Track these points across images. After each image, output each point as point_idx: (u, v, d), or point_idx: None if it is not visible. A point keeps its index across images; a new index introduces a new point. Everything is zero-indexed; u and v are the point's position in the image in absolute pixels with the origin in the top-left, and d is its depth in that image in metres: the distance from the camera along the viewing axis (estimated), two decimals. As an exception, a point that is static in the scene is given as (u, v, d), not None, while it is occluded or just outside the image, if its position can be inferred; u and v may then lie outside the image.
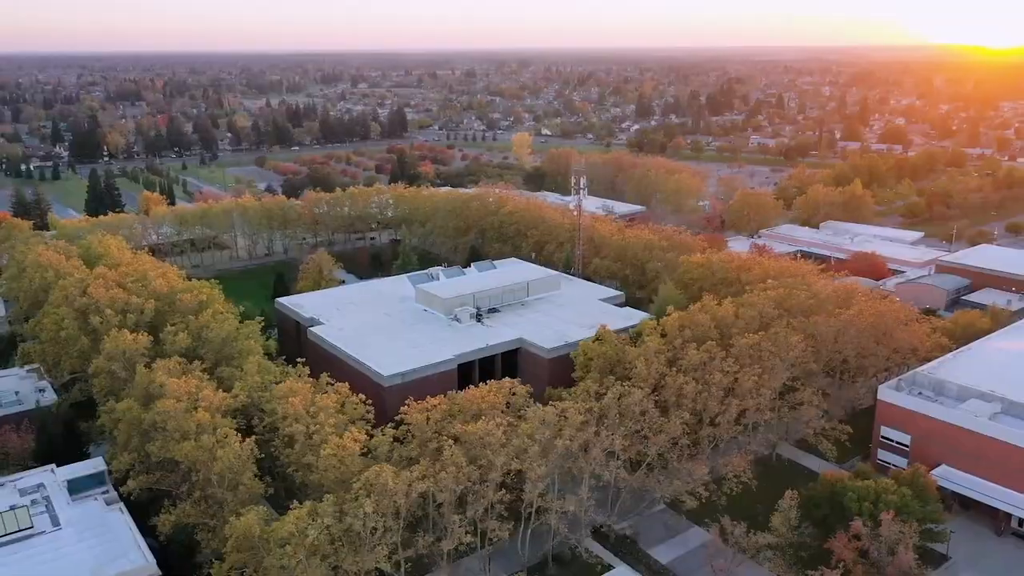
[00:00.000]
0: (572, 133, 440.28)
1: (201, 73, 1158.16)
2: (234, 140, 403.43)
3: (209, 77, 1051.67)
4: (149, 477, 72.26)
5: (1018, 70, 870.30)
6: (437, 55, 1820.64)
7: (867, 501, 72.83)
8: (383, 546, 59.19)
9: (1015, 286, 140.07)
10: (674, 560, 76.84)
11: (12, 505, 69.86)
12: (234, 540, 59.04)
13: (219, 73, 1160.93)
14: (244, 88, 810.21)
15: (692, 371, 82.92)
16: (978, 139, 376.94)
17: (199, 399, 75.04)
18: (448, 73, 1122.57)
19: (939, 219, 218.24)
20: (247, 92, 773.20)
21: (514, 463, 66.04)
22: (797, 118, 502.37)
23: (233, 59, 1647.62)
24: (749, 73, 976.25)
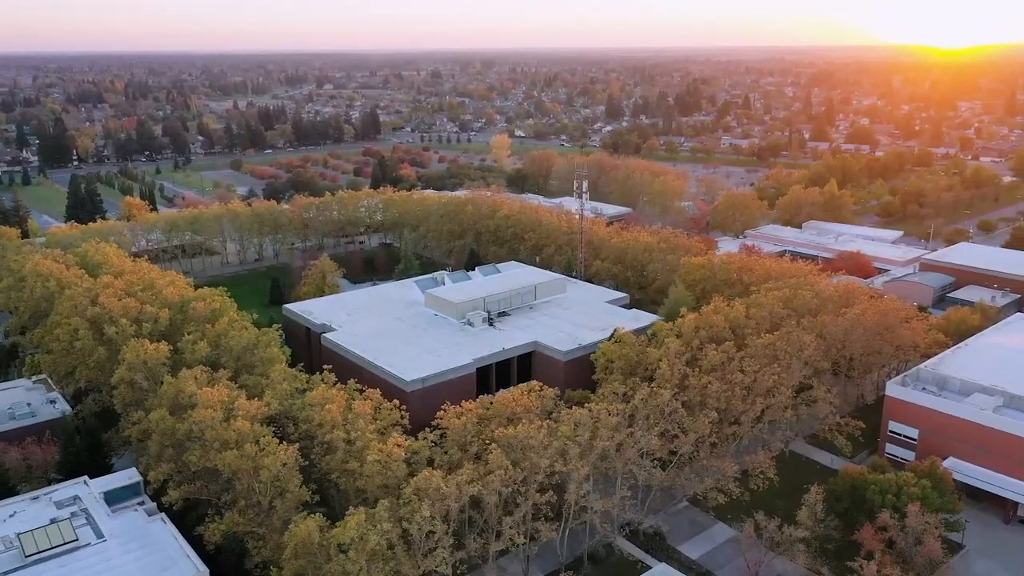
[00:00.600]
0: (546, 134, 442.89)
1: (160, 74, 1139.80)
2: (206, 143, 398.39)
3: (169, 78, 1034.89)
4: (190, 487, 72.39)
5: (970, 70, 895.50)
6: (399, 55, 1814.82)
7: (890, 494, 75.90)
8: (441, 549, 60.27)
9: (997, 283, 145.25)
10: (703, 556, 79.08)
11: (53, 518, 69.51)
12: (293, 547, 59.70)
13: (179, 74, 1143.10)
14: (208, 90, 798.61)
15: (712, 371, 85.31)
16: (941, 139, 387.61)
17: (233, 408, 75.47)
18: (413, 74, 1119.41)
19: (913, 218, 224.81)
20: (211, 94, 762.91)
21: (557, 465, 67.54)
22: (764, 118, 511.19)
23: (191, 59, 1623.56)
24: (712, 74, 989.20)
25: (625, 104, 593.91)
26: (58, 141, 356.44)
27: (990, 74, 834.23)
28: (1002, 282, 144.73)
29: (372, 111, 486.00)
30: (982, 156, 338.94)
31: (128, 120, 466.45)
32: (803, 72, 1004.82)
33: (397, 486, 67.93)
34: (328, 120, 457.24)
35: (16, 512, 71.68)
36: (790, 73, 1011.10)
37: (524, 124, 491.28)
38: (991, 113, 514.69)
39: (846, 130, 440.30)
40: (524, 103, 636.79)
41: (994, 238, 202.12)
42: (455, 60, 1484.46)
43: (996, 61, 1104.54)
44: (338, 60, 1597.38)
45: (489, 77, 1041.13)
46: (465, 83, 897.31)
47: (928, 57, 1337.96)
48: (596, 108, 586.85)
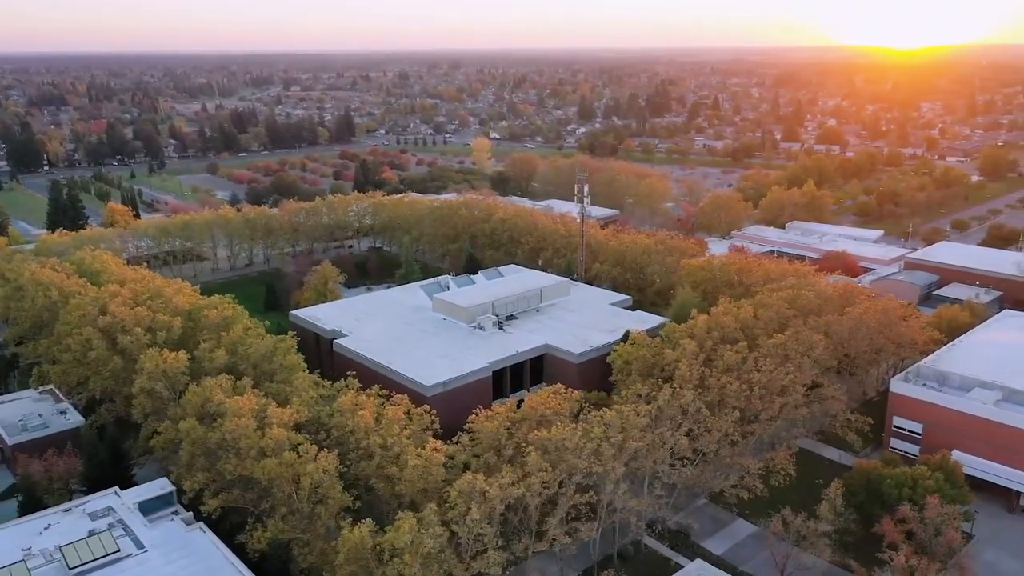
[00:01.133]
0: (520, 136, 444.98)
1: (121, 76, 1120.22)
2: (179, 147, 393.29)
3: (130, 80, 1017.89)
4: (228, 495, 72.67)
5: (928, 71, 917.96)
6: (363, 56, 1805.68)
7: (906, 487, 78.85)
8: (492, 551, 61.57)
9: (979, 280, 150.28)
10: (727, 551, 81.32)
11: (91, 530, 69.45)
12: (346, 552, 60.54)
13: (140, 76, 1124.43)
14: (173, 92, 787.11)
15: (727, 371, 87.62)
16: (907, 139, 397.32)
17: (265, 416, 75.91)
18: (380, 75, 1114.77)
19: (889, 217, 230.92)
20: (177, 96, 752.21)
21: (595, 466, 69.18)
22: (735, 119, 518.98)
23: (150, 60, 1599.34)
24: (678, 75, 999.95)
25: (596, 106, 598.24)
26: (27, 145, 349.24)
27: (946, 75, 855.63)
28: (984, 280, 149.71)
29: (346, 113, 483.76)
30: (948, 156, 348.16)
31: (95, 123, 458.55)
32: (767, 73, 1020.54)
33: (437, 490, 69.17)
34: (302, 123, 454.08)
35: (50, 525, 71.45)
36: (755, 74, 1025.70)
37: (498, 126, 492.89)
38: (952, 114, 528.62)
39: (815, 131, 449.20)
40: (495, 104, 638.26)
41: (968, 236, 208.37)
42: (420, 61, 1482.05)
43: (948, 62, 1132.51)
44: (302, 61, 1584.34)
45: (457, 78, 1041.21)
46: (434, 84, 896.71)
47: (884, 58, 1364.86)
48: (568, 109, 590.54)
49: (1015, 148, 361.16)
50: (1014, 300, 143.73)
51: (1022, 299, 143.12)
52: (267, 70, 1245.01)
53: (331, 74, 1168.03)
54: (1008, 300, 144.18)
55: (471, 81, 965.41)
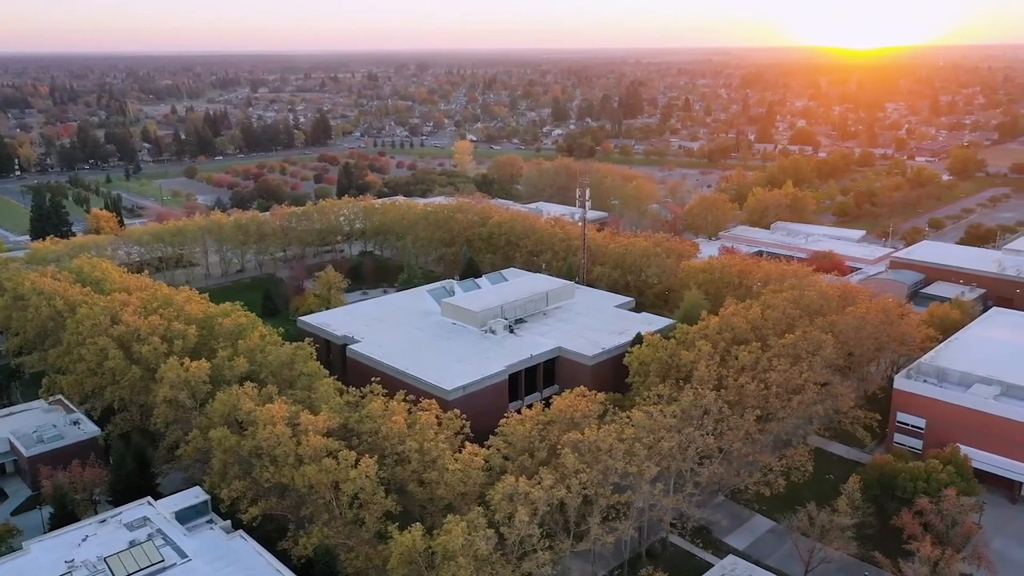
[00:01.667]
0: (497, 138, 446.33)
1: (83, 77, 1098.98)
2: (154, 150, 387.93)
3: (93, 82, 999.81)
4: (267, 503, 73.24)
5: (888, 71, 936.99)
6: (328, 57, 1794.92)
7: (920, 480, 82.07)
8: (541, 552, 63.11)
9: (963, 279, 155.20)
10: (749, 546, 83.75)
11: (132, 541, 69.63)
12: (398, 555, 61.63)
13: (102, 77, 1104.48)
14: (139, 93, 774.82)
15: (742, 371, 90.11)
16: (876, 140, 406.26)
17: (298, 423, 76.57)
18: (348, 76, 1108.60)
19: (867, 217, 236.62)
20: (143, 98, 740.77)
21: (630, 467, 71.06)
22: (707, 120, 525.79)
23: (111, 61, 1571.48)
24: (647, 76, 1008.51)
25: (569, 107, 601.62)
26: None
27: (906, 76, 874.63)
28: (968, 278, 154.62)
29: (322, 116, 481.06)
30: (917, 156, 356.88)
31: (64, 127, 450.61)
32: (733, 74, 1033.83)
33: (475, 493, 70.52)
34: (277, 125, 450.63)
35: (88, 536, 71.46)
36: (721, 75, 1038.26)
37: (473, 128, 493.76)
38: (916, 114, 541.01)
39: (786, 131, 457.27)
40: (468, 106, 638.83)
41: (944, 235, 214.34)
42: (385, 62, 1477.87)
43: (906, 63, 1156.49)
44: (266, 62, 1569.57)
45: (426, 80, 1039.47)
46: (404, 86, 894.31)
47: (843, 58, 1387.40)
48: (541, 111, 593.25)
49: (979, 148, 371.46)
50: (996, 297, 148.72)
51: (1004, 296, 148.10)
52: (232, 71, 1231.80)
53: (298, 75, 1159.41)
54: (991, 297, 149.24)
55: (441, 82, 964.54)
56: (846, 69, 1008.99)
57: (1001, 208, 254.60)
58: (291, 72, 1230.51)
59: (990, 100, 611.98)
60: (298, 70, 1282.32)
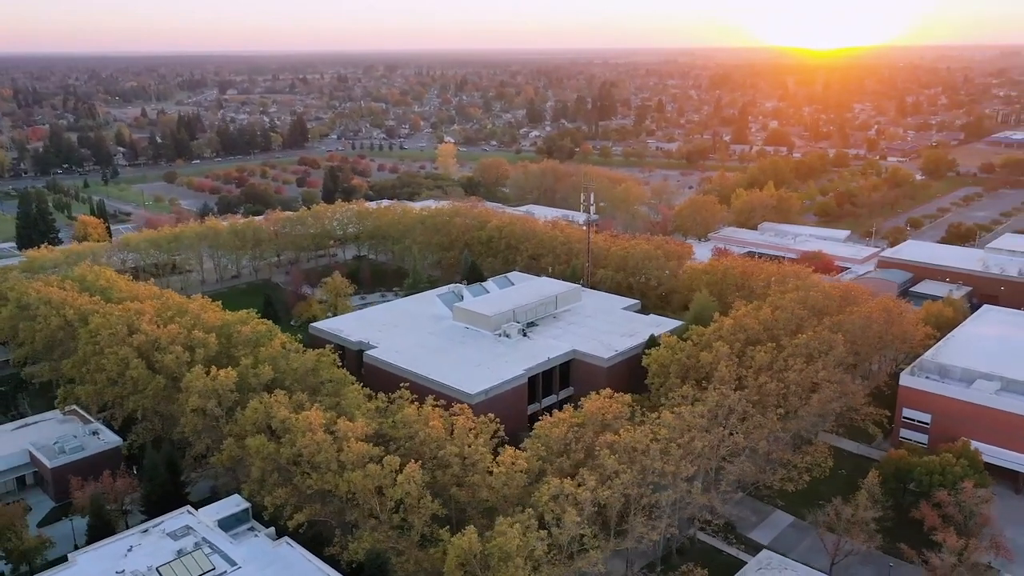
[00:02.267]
0: (475, 140, 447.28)
1: (44, 79, 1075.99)
2: (129, 154, 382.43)
3: (56, 83, 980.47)
4: (311, 509, 74.08)
5: (852, 72, 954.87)
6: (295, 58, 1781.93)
7: (936, 473, 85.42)
8: (593, 551, 64.94)
9: (949, 277, 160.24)
10: (772, 541, 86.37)
11: (179, 550, 70.12)
12: (454, 557, 62.99)
13: (64, 79, 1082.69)
14: (105, 95, 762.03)
15: (760, 370, 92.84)
16: (848, 140, 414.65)
17: (334, 430, 77.49)
18: (318, 78, 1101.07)
19: (847, 217, 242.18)
20: (111, 100, 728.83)
21: (667, 466, 73.18)
22: (680, 122, 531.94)
23: (71, 62, 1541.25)
24: (616, 77, 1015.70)
25: (543, 109, 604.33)
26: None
27: (868, 76, 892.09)
28: (954, 276, 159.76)
29: (299, 119, 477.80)
30: (888, 156, 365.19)
31: (34, 131, 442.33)
32: (701, 74, 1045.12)
33: (517, 495, 72.10)
34: (254, 128, 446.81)
35: (132, 546, 71.84)
36: (689, 75, 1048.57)
37: (449, 130, 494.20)
38: (883, 114, 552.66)
39: (758, 132, 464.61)
40: (443, 108, 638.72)
41: (923, 234, 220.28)
42: (353, 63, 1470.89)
43: (868, 63, 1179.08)
44: (231, 62, 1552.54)
45: (396, 81, 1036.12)
46: (375, 87, 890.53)
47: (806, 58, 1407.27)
48: (516, 112, 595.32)
49: (947, 148, 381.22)
50: (981, 294, 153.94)
51: (989, 293, 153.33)
52: (198, 72, 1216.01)
53: (266, 76, 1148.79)
54: (976, 294, 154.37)
55: (411, 84, 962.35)
56: (810, 70, 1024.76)
57: (974, 207, 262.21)
58: (257, 73, 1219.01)
59: (953, 100, 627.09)
60: (265, 71, 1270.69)
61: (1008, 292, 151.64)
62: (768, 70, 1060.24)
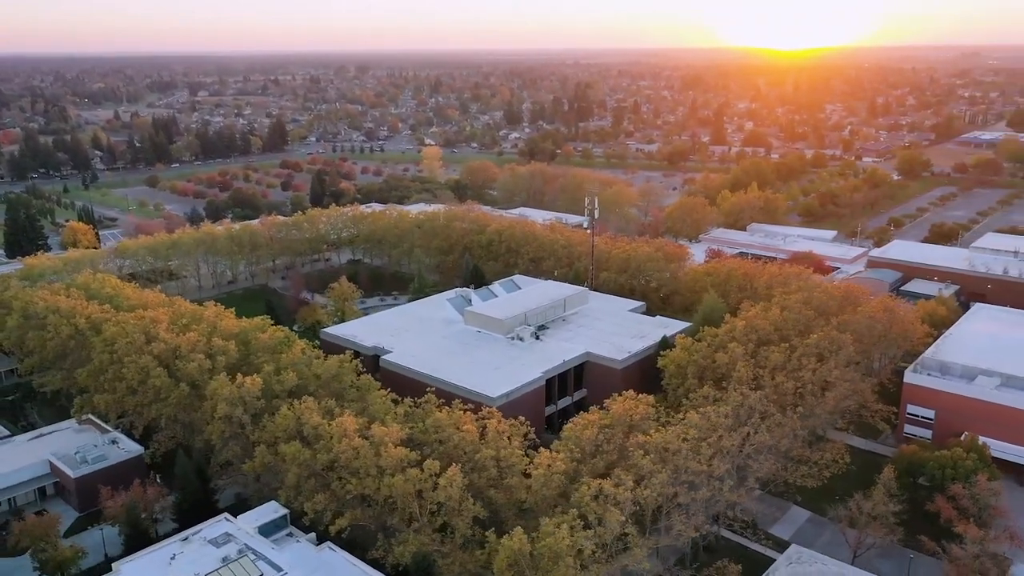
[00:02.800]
0: (455, 142, 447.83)
1: (7, 80, 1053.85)
2: (107, 158, 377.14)
3: (20, 85, 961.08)
4: (353, 514, 75.06)
5: (819, 73, 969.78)
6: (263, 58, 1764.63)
7: (948, 468, 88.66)
8: (637, 548, 66.80)
9: (937, 276, 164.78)
10: (793, 535, 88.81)
11: (224, 557, 70.66)
12: (505, 558, 64.46)
13: (28, 80, 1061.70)
14: (74, 97, 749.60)
15: (775, 370, 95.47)
16: (823, 141, 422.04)
17: (368, 435, 78.56)
18: (289, 79, 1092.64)
19: (830, 217, 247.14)
20: (79, 102, 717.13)
21: (701, 465, 75.31)
22: (657, 123, 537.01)
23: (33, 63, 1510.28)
24: (589, 78, 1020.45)
25: (520, 110, 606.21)
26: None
27: (835, 76, 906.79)
28: (942, 275, 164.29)
29: (278, 121, 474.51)
30: (864, 157, 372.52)
31: (4, 134, 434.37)
32: (672, 75, 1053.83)
33: (554, 496, 73.75)
34: (233, 131, 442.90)
35: (175, 555, 72.24)
36: (660, 76, 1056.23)
37: (429, 132, 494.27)
38: (855, 115, 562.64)
39: (734, 133, 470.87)
40: (419, 109, 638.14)
41: (905, 234, 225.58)
42: (322, 64, 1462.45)
43: (834, 64, 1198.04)
44: (200, 63, 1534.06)
45: (368, 82, 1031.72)
46: (348, 89, 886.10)
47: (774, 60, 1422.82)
48: (493, 114, 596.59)
49: (919, 148, 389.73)
50: (969, 292, 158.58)
51: (976, 291, 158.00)
52: (166, 74, 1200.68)
53: (236, 78, 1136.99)
54: (964, 293, 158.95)
55: (384, 85, 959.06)
56: (779, 71, 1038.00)
57: (950, 207, 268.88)
58: (227, 74, 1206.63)
59: (921, 101, 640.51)
60: (234, 72, 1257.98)
61: (995, 290, 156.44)
62: (737, 71, 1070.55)
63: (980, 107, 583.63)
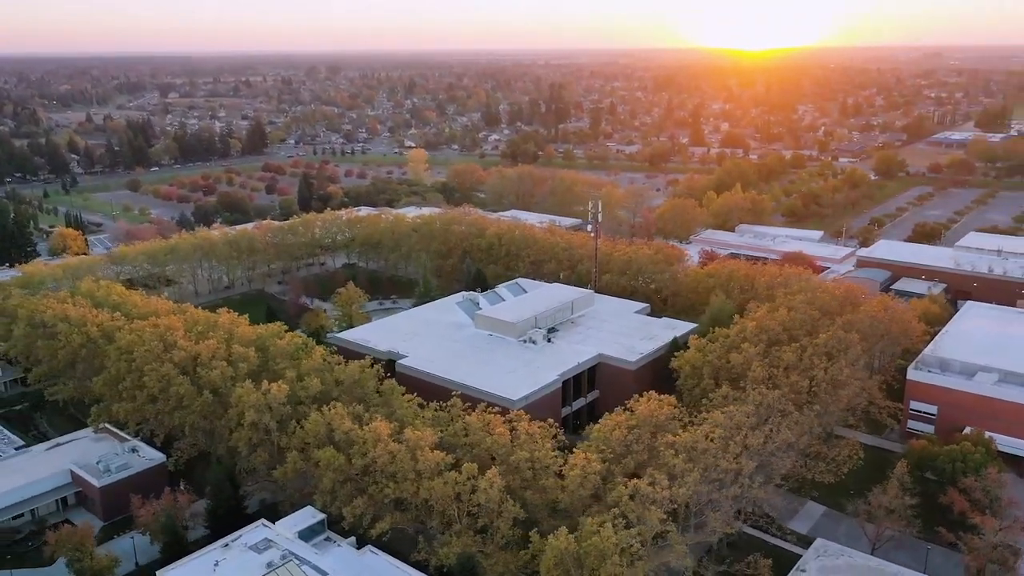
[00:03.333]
0: (436, 144, 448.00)
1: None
2: (85, 162, 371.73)
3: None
4: (393, 517, 76.22)
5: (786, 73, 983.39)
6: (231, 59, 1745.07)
7: (958, 461, 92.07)
8: (679, 544, 68.88)
9: (925, 275, 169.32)
10: (810, 530, 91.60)
11: (269, 563, 71.44)
12: (552, 557, 66.12)
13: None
14: (41, 99, 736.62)
15: (788, 370, 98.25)
16: (799, 141, 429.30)
17: (402, 439, 79.80)
18: (260, 80, 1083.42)
19: (813, 217, 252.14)
20: (48, 104, 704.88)
21: (731, 464, 77.64)
22: (635, 124, 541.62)
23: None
24: (561, 78, 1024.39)
25: (497, 111, 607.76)
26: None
27: (803, 77, 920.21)
28: (929, 274, 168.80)
29: (258, 124, 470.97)
30: (840, 157, 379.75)
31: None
32: (644, 76, 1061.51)
33: (590, 496, 75.60)
34: (209, 133, 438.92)
35: (218, 561, 72.87)
36: (633, 77, 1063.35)
37: (409, 134, 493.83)
38: (826, 115, 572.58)
39: (711, 134, 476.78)
40: (396, 111, 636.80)
41: (887, 233, 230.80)
42: (294, 64, 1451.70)
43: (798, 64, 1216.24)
44: (167, 64, 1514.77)
45: (341, 83, 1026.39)
46: (321, 90, 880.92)
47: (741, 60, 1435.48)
48: (471, 115, 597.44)
49: (892, 148, 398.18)
50: (955, 291, 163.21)
51: (963, 290, 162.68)
52: (134, 75, 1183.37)
53: (206, 79, 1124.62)
54: (951, 291, 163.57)
55: (358, 86, 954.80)
56: (747, 71, 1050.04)
57: (927, 206, 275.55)
58: (195, 75, 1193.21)
59: (889, 101, 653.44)
60: (202, 73, 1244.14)
61: (980, 288, 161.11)
62: (706, 72, 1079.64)
63: (947, 107, 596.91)
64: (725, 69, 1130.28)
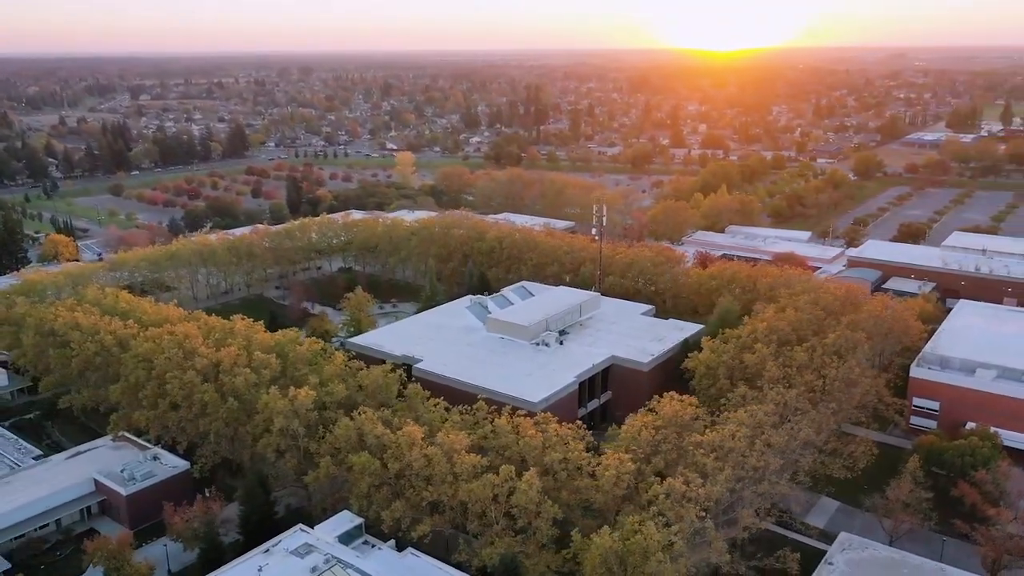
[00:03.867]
0: (417, 147, 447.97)
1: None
2: (64, 166, 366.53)
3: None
4: (432, 520, 77.54)
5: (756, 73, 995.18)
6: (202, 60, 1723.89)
7: (967, 455, 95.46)
8: (717, 541, 71.06)
9: (914, 274, 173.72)
10: (827, 524, 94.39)
11: (313, 567, 72.34)
12: (596, 557, 67.95)
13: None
14: (9, 102, 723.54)
15: (800, 369, 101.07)
16: (778, 142, 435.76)
17: (438, 442, 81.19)
18: (232, 81, 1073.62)
19: (798, 218, 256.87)
20: (16, 107, 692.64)
21: (759, 462, 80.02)
22: (614, 125, 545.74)
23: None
24: (537, 80, 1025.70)
25: (476, 113, 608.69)
26: None
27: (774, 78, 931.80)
28: (919, 273, 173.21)
29: (239, 126, 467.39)
30: (818, 158, 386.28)
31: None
32: (618, 77, 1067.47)
33: (623, 496, 77.58)
34: (188, 137, 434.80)
35: (261, 567, 73.59)
36: (606, 79, 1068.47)
37: (389, 136, 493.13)
38: (800, 116, 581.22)
39: (689, 135, 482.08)
40: (375, 113, 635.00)
41: (870, 233, 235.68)
42: (265, 65, 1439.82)
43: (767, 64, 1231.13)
44: (136, 65, 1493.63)
45: (315, 84, 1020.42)
46: (296, 91, 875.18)
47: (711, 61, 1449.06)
48: (450, 117, 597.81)
49: (868, 149, 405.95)
50: (944, 290, 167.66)
51: (951, 288, 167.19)
52: (101, 76, 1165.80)
53: (177, 81, 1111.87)
54: (940, 290, 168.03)
55: (332, 88, 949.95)
56: (717, 72, 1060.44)
57: (907, 206, 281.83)
58: (163, 76, 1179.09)
59: (861, 102, 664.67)
60: (171, 74, 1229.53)
61: (968, 287, 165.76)
62: (678, 72, 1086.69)
63: (917, 108, 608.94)
64: (696, 70, 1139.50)
